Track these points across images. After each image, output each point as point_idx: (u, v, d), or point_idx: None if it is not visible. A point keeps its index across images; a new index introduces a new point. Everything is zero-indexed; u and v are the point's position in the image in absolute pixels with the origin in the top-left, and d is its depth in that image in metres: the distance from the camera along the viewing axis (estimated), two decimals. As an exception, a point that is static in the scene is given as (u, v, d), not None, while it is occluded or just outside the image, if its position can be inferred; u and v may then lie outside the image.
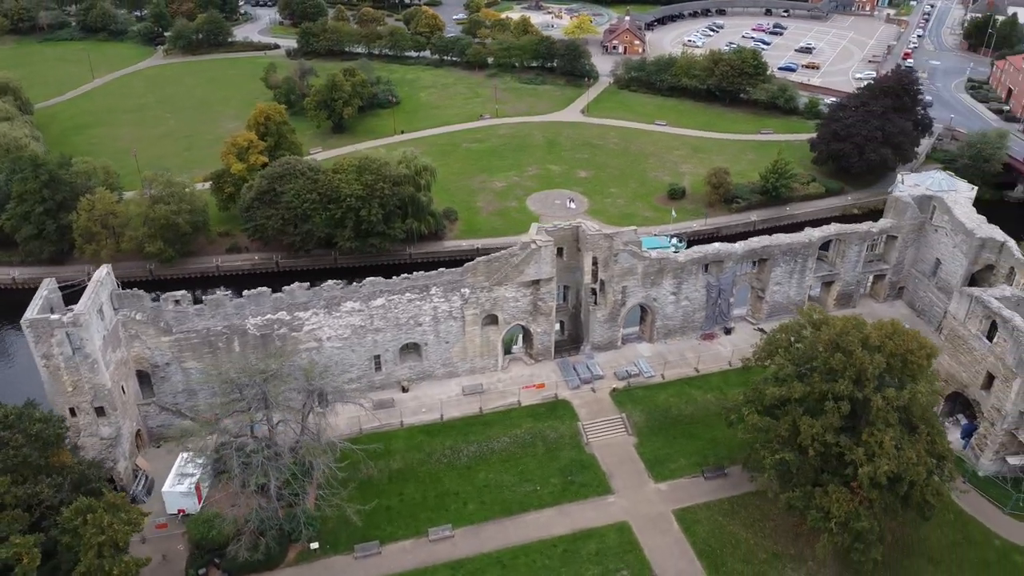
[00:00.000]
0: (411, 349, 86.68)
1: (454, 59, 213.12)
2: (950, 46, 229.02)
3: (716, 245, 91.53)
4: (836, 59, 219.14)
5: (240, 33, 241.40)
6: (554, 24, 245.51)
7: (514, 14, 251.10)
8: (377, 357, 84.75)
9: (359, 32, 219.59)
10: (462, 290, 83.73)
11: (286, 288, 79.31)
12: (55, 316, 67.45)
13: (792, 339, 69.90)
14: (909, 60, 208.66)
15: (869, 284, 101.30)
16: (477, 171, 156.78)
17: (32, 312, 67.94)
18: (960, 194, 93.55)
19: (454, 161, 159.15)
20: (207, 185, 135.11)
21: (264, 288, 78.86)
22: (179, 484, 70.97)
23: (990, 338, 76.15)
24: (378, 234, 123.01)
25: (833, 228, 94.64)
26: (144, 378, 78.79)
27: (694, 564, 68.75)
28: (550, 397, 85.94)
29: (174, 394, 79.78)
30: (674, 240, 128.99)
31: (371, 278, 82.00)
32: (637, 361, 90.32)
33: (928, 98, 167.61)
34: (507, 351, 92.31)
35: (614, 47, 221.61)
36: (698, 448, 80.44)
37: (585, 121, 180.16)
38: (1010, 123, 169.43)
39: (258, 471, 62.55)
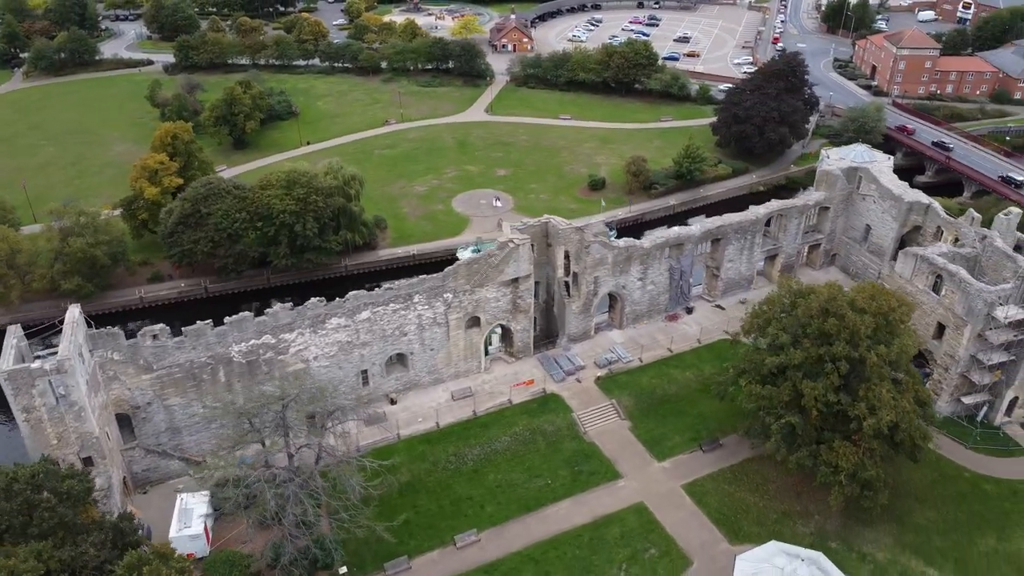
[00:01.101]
0: (396, 360, 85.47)
1: (346, 65, 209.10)
2: (811, 29, 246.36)
3: (676, 229, 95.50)
4: (712, 46, 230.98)
5: (107, 50, 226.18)
6: (438, 26, 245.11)
7: (395, 17, 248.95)
8: (364, 372, 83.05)
9: (242, 43, 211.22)
10: (445, 295, 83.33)
11: (269, 310, 76.45)
12: (36, 364, 62.12)
13: (780, 310, 74.13)
14: (779, 44, 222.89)
15: (805, 254, 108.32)
16: (395, 177, 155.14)
17: (7, 363, 62.29)
18: (881, 164, 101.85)
19: (370, 168, 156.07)
20: (116, 213, 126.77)
21: (246, 312, 75.71)
22: (187, 527, 67.04)
23: (936, 291, 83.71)
24: (314, 248, 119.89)
25: (776, 204, 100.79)
26: (124, 421, 73.74)
27: (714, 532, 71.96)
28: (539, 392, 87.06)
29: (157, 435, 75.10)
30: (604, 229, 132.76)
31: (354, 292, 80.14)
32: (613, 348, 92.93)
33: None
34: (484, 352, 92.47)
35: (503, 45, 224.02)
36: (689, 424, 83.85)
37: (491, 120, 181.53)
38: (879, 96, 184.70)
39: (291, 500, 60.23)
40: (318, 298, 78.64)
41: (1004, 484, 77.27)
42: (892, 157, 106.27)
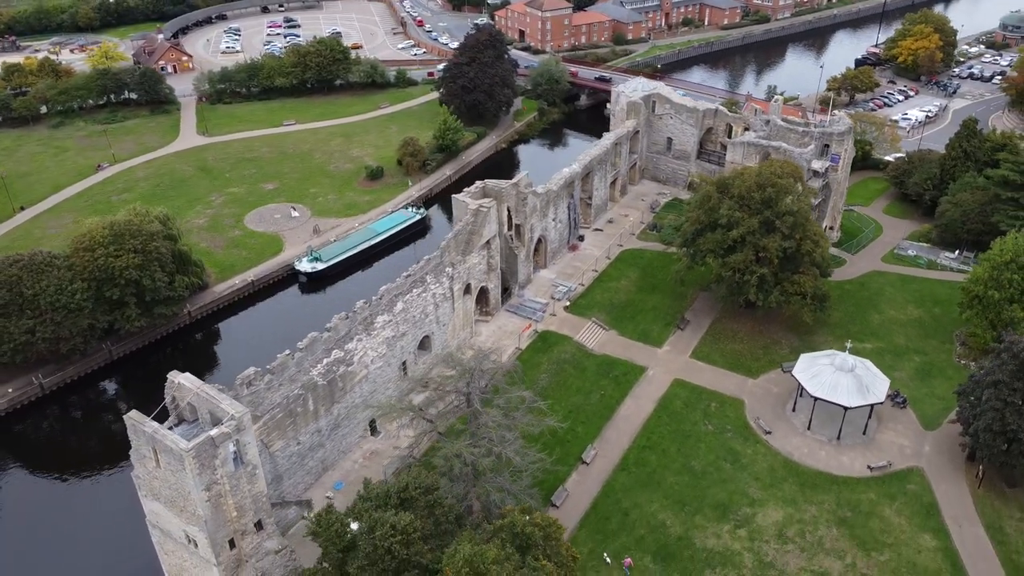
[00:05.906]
0: (420, 345, 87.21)
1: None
2: (437, 10, 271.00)
3: (565, 170, 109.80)
4: (367, 38, 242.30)
5: None
6: (61, 61, 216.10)
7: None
8: (404, 363, 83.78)
9: None
10: (447, 269, 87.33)
11: (329, 325, 73.89)
12: (216, 431, 55.10)
13: (719, 195, 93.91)
14: (426, 26, 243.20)
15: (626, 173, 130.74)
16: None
17: (177, 441, 54.12)
18: (664, 88, 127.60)
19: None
20: None
21: (313, 333, 72.27)
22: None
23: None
24: (164, 300, 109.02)
25: (613, 135, 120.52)
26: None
27: (736, 377, 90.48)
28: (533, 334, 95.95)
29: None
30: (411, 210, 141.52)
31: (385, 286, 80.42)
32: (556, 282, 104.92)
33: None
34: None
35: (163, 68, 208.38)
36: (654, 316, 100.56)
37: (214, 141, 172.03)
38: (540, 55, 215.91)
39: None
40: (363, 300, 77.67)
41: (853, 282, 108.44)
42: (661, 83, 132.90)
